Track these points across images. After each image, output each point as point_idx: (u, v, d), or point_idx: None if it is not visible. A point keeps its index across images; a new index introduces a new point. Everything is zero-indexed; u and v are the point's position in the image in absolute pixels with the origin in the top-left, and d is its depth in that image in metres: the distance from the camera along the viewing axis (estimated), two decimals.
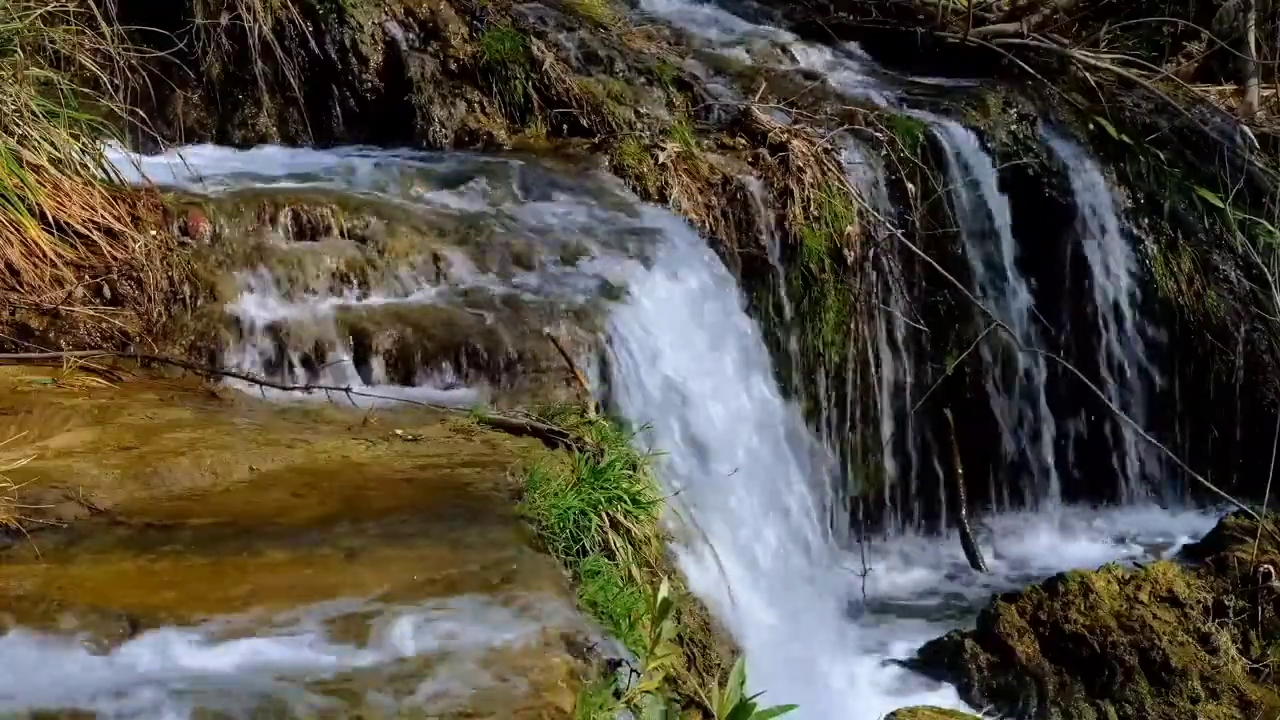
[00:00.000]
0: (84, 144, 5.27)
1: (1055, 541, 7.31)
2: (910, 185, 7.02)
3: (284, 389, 4.71)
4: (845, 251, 6.78)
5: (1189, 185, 7.70)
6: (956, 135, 7.28)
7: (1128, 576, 5.97)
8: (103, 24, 5.80)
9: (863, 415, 7.00)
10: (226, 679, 2.77)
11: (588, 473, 4.01)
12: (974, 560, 7.03)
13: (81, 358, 4.64)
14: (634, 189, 6.36)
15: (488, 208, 5.88)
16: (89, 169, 5.21)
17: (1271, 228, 7.41)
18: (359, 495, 3.79)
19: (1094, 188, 7.55)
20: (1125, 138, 7.70)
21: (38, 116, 5.15)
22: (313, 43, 6.64)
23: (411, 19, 6.82)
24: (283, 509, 3.69)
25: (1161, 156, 7.73)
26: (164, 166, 5.50)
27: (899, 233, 6.90)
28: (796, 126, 6.88)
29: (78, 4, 5.73)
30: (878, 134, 7.05)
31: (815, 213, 6.69)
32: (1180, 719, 5.67)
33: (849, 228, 6.77)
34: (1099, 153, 7.66)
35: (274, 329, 5.02)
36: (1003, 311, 7.19)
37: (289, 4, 6.56)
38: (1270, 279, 7.22)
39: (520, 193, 6.00)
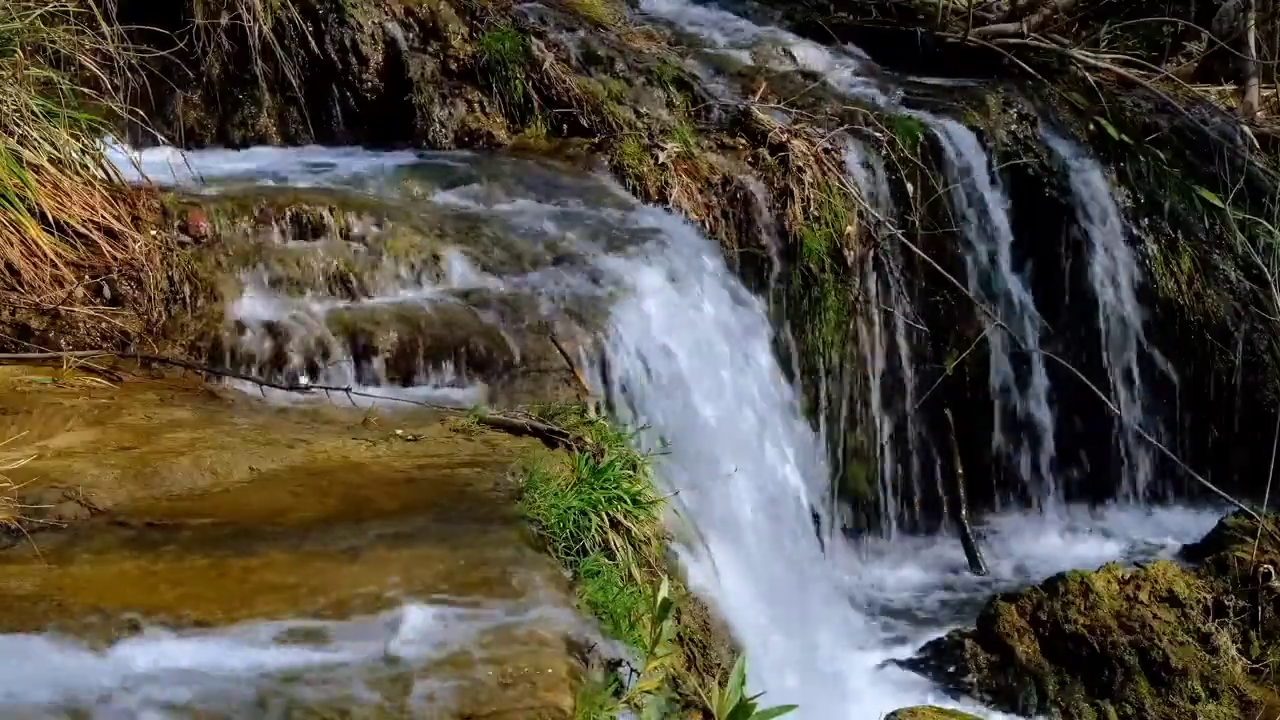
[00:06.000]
0: (84, 144, 5.26)
1: (1055, 541, 7.31)
2: (910, 185, 7.02)
3: (284, 389, 4.71)
4: (845, 251, 6.78)
5: (1189, 185, 7.70)
6: (956, 135, 7.28)
7: (1128, 576, 5.97)
8: (103, 24, 5.80)
9: (862, 415, 7.00)
10: (226, 678, 2.77)
11: (588, 473, 4.01)
12: (974, 560, 7.03)
13: (81, 358, 4.64)
14: (634, 189, 6.37)
15: (488, 208, 5.88)
16: (89, 169, 5.21)
17: (1271, 228, 7.41)
18: (359, 495, 3.79)
19: (1094, 188, 7.55)
20: (1125, 138, 7.69)
21: (38, 116, 5.15)
22: (313, 43, 6.64)
23: (411, 19, 6.82)
24: (283, 509, 3.69)
25: (1161, 156, 7.72)
26: (164, 166, 5.50)
27: (899, 233, 6.90)
28: (796, 126, 6.88)
29: (78, 4, 5.73)
30: (878, 134, 7.05)
31: (815, 213, 6.69)
32: (1180, 719, 5.67)
33: (849, 228, 6.77)
34: (1099, 153, 7.66)
35: (274, 329, 5.02)
36: (1003, 311, 7.19)
37: (289, 4, 6.56)
38: (1270, 279, 7.22)
39: (520, 192, 6.00)
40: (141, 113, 5.82)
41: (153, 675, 2.78)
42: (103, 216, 5.06)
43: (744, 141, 6.81)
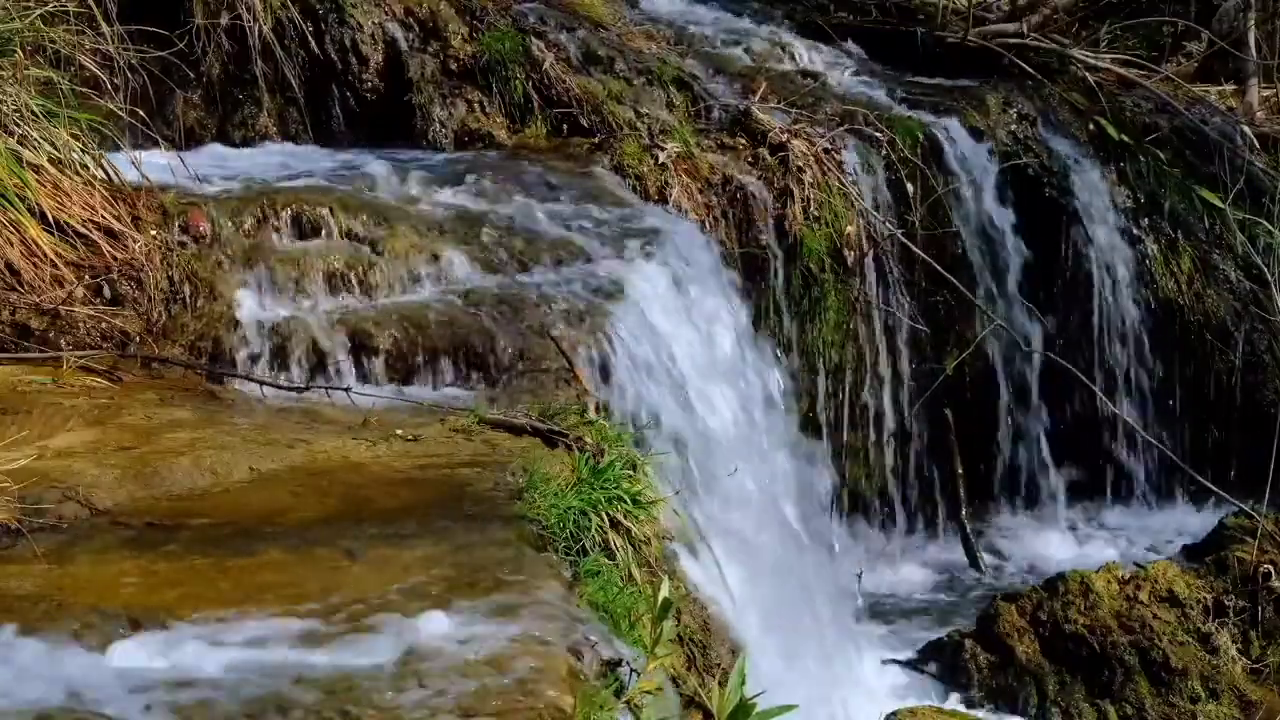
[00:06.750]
0: (84, 144, 5.26)
1: (1055, 541, 7.31)
2: (910, 185, 7.02)
3: (284, 389, 4.71)
4: (845, 251, 6.78)
5: (1189, 185, 7.70)
6: (956, 135, 7.28)
7: (1128, 576, 5.97)
8: (103, 24, 5.80)
9: (862, 415, 7.00)
10: (226, 679, 2.77)
11: (588, 473, 4.01)
12: (973, 560, 7.03)
13: (81, 358, 4.64)
14: (634, 189, 6.36)
15: (487, 208, 5.87)
16: (89, 169, 5.21)
17: (1271, 228, 7.41)
18: (359, 495, 3.79)
19: (1094, 188, 7.55)
20: (1125, 138, 7.69)
21: (38, 116, 5.16)
22: (313, 43, 6.64)
23: (411, 19, 6.82)
24: (282, 509, 3.69)
25: (1161, 156, 7.72)
26: (164, 166, 5.50)
27: (899, 233, 6.90)
28: (796, 126, 6.88)
29: (78, 4, 5.73)
30: (878, 134, 7.05)
31: (815, 213, 6.69)
32: (1180, 719, 5.67)
33: (849, 228, 6.77)
34: (1099, 153, 7.66)
35: (274, 329, 5.03)
36: (1002, 311, 7.19)
37: (289, 4, 6.56)
38: (1270, 279, 7.22)
39: (520, 192, 6.00)
40: (141, 113, 5.82)
41: (152, 675, 2.78)
42: (103, 216, 5.06)
43: (744, 141, 6.81)
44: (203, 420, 4.30)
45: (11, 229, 4.84)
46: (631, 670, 3.10)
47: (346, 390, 4.61)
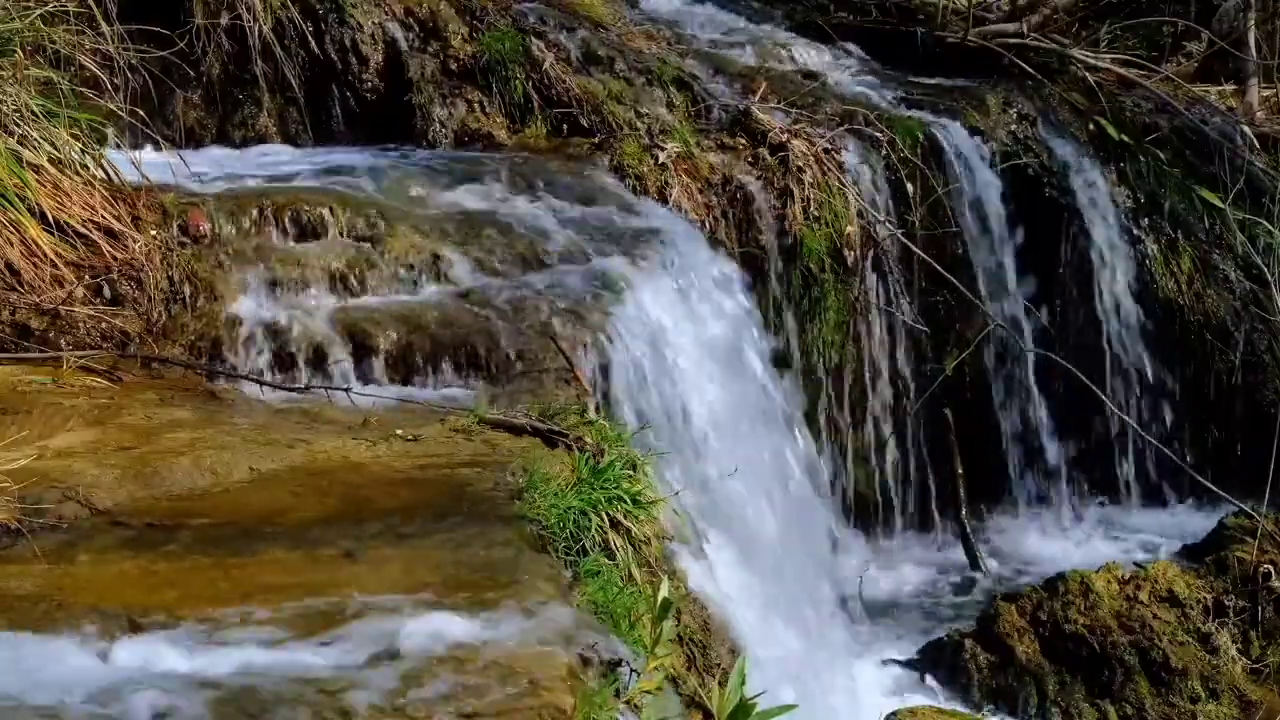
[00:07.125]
0: (84, 144, 5.27)
1: (1055, 541, 7.31)
2: (910, 185, 7.02)
3: (284, 389, 4.71)
4: (845, 251, 6.78)
5: (1189, 185, 7.70)
6: (956, 135, 7.28)
7: (1128, 576, 5.98)
8: (103, 24, 5.81)
9: (862, 415, 7.00)
10: (226, 679, 2.77)
11: (588, 473, 4.01)
12: (973, 560, 7.03)
13: (81, 358, 4.64)
14: (634, 189, 6.37)
15: (488, 207, 5.88)
16: (89, 169, 5.22)
17: (1271, 228, 7.41)
18: (359, 495, 3.79)
19: (1094, 188, 7.55)
20: (1125, 138, 7.69)
21: (38, 116, 5.16)
22: (313, 43, 6.64)
23: (411, 19, 6.83)
24: (283, 509, 3.69)
25: (1161, 156, 7.72)
26: (164, 166, 5.50)
27: (899, 233, 6.90)
28: (796, 126, 6.88)
29: (78, 4, 5.73)
30: (878, 134, 7.05)
31: (815, 213, 6.69)
32: (1180, 719, 5.68)
33: (849, 228, 6.77)
34: (1099, 153, 7.66)
35: (274, 329, 5.03)
36: (1003, 312, 7.19)
37: (289, 4, 6.56)
38: (1270, 279, 7.22)
39: (520, 193, 6.01)
40: (141, 113, 5.83)
41: (152, 676, 2.78)
42: (103, 216, 5.06)
43: (744, 141, 6.81)
44: (203, 420, 4.30)
45: (11, 229, 4.84)
46: (631, 670, 3.10)
47: (346, 390, 4.61)
